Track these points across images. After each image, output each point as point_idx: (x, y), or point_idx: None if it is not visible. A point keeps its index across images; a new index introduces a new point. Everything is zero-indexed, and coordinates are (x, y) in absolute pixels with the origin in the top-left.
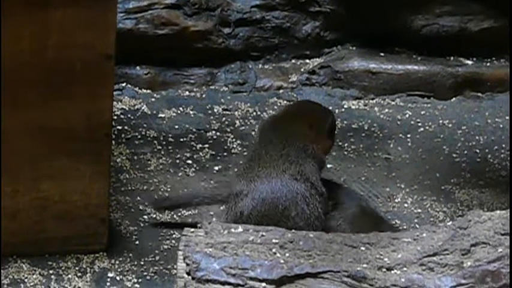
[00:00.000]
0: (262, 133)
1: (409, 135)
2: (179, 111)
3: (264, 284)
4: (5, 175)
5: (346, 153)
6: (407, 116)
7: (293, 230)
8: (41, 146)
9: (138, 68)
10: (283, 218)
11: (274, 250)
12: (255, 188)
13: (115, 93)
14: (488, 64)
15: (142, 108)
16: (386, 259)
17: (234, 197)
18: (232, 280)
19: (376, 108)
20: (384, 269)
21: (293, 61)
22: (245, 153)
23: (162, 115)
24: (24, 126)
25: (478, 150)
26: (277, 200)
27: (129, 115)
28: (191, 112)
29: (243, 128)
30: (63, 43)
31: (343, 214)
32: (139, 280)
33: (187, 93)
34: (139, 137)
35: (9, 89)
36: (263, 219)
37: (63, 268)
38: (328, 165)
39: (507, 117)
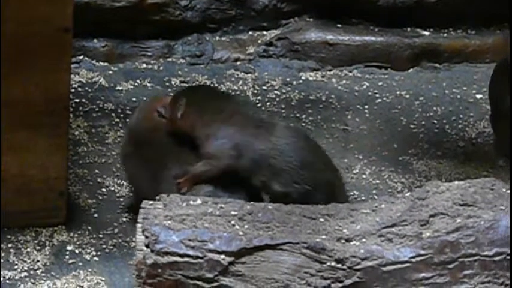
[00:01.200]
0: None
1: (366, 107)
2: (136, 84)
3: (223, 256)
4: None
5: (304, 124)
6: (364, 87)
7: (252, 202)
8: None
9: (95, 40)
10: None
11: (233, 222)
12: None
13: (72, 66)
14: (445, 35)
15: (100, 81)
16: (345, 230)
17: None
18: (191, 252)
19: (333, 80)
20: (343, 240)
21: (250, 33)
22: None
23: (120, 88)
24: None
25: (435, 121)
26: None
27: (86, 88)
28: (149, 84)
29: None
30: (20, 16)
31: None
32: (98, 253)
33: (144, 65)
34: (96, 109)
35: None
36: None
37: (22, 242)
38: None
39: (464, 88)
